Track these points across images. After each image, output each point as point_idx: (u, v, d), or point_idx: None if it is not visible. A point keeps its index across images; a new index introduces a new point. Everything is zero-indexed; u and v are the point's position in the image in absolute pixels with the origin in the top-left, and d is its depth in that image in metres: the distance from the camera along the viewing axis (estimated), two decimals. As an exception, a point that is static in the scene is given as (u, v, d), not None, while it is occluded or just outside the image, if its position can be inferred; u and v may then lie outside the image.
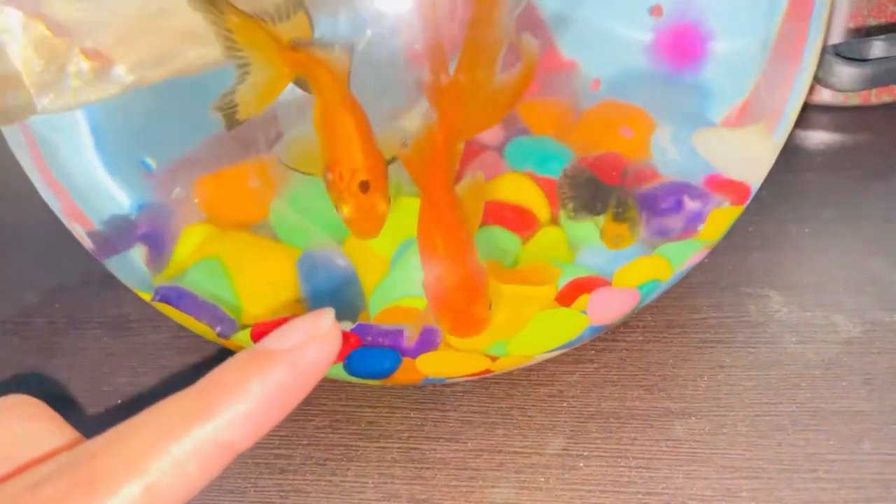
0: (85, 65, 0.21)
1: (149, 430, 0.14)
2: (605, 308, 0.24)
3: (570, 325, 0.24)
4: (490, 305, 0.22)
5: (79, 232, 0.25)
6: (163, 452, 0.13)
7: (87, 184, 0.23)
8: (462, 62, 0.19)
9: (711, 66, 0.22)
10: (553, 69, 0.22)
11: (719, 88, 0.23)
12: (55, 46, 0.21)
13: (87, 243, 0.25)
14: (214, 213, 0.24)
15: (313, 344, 0.15)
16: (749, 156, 0.24)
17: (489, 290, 0.22)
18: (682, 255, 0.25)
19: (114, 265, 0.25)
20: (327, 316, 0.15)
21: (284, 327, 0.15)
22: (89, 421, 0.28)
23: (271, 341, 0.15)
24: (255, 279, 0.25)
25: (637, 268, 0.24)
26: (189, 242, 0.24)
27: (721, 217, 0.25)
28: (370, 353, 0.24)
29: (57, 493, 0.13)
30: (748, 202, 0.26)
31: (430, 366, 0.24)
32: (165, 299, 0.25)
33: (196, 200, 0.23)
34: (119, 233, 0.24)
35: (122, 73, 0.21)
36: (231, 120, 0.19)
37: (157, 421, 0.14)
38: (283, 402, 0.14)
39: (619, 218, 0.23)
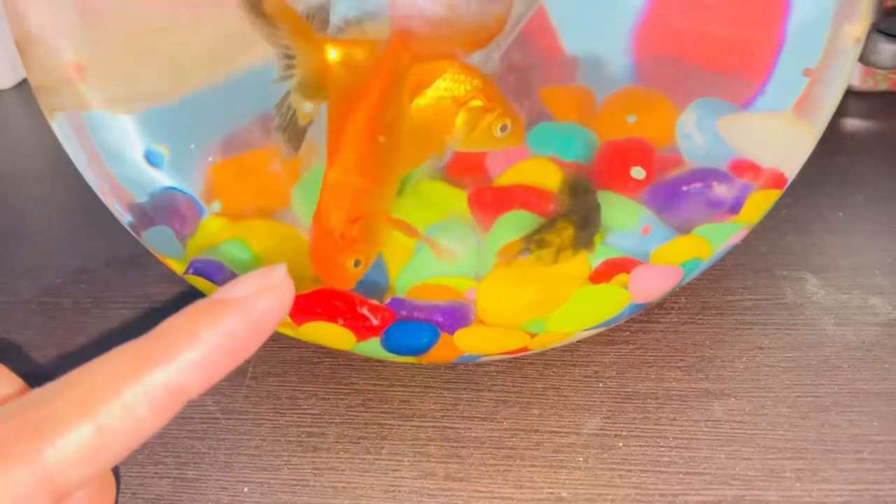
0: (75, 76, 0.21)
1: (100, 375, 0.14)
2: (648, 284, 0.24)
3: (611, 302, 0.24)
4: (359, 263, 0.21)
5: (117, 207, 0.24)
6: (113, 396, 0.14)
7: (131, 158, 0.23)
8: None
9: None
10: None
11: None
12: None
13: (126, 217, 0.24)
14: (232, 198, 0.23)
15: (266, 294, 0.15)
16: (788, 144, 0.24)
17: (371, 244, 0.21)
18: (722, 236, 0.25)
19: (151, 238, 0.25)
20: (279, 268, 0.15)
21: (237, 279, 0.15)
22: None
23: (224, 292, 0.15)
24: (279, 258, 0.24)
25: (677, 246, 0.24)
26: (207, 232, 0.24)
27: (760, 199, 0.25)
28: (408, 327, 0.23)
29: (5, 436, 0.13)
30: (786, 185, 0.25)
31: (467, 341, 0.24)
32: (200, 272, 0.25)
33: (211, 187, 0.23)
34: (158, 205, 0.23)
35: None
36: (295, 131, 0.19)
37: (108, 366, 0.14)
38: (234, 351, 0.15)
39: (528, 237, 0.21)
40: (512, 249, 0.21)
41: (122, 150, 0.23)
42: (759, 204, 0.25)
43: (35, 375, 0.16)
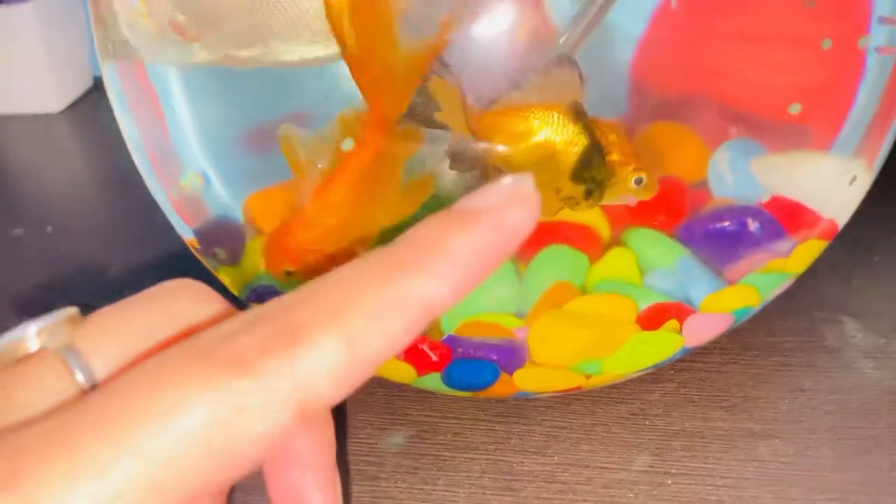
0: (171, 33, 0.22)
1: (347, 284, 0.13)
2: (701, 330, 0.25)
3: (665, 347, 0.25)
4: (290, 273, 0.22)
5: (185, 231, 0.26)
6: (364, 306, 0.12)
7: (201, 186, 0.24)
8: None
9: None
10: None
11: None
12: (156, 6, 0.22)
13: (194, 241, 0.26)
14: (266, 229, 0.24)
15: (517, 204, 0.14)
16: (843, 191, 0.25)
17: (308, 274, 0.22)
18: (771, 286, 0.26)
19: (212, 262, 0.26)
20: (528, 178, 0.14)
21: (484, 188, 0.14)
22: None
23: (472, 201, 0.14)
24: None
25: (727, 296, 0.25)
26: (254, 256, 0.25)
27: (810, 248, 0.26)
28: (471, 365, 0.24)
29: (254, 343, 0.12)
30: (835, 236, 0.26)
31: (525, 380, 0.25)
32: (260, 299, 0.26)
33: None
34: (222, 231, 0.25)
35: (199, 49, 0.22)
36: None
37: (356, 276, 0.13)
38: (483, 265, 0.13)
39: (579, 177, 0.21)
40: (578, 192, 0.21)
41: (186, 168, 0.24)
42: (809, 252, 0.26)
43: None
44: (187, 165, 0.24)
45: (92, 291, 0.36)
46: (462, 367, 0.24)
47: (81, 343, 0.13)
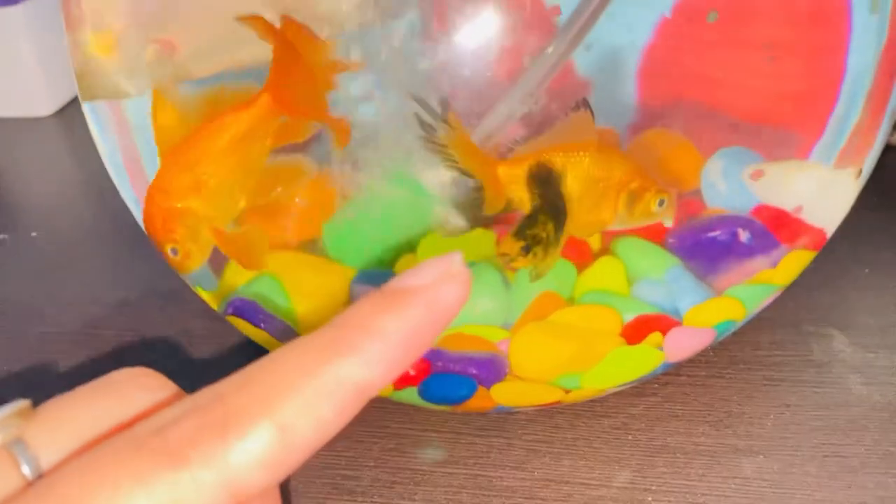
0: (154, 51, 0.22)
1: (281, 370, 0.13)
2: (682, 346, 0.24)
3: (645, 361, 0.24)
4: (175, 251, 0.22)
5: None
6: (296, 392, 0.12)
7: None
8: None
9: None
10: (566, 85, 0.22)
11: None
12: (131, 35, 0.22)
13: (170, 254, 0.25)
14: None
15: (448, 283, 0.14)
16: (832, 201, 0.25)
17: (191, 243, 0.22)
18: (756, 298, 0.25)
19: (191, 276, 0.26)
20: (457, 256, 0.14)
21: (415, 267, 0.14)
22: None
23: (403, 280, 0.14)
24: (310, 298, 0.25)
25: (711, 308, 0.24)
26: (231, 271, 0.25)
27: (796, 259, 0.25)
28: (447, 379, 0.24)
29: (185, 435, 0.12)
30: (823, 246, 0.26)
31: (503, 395, 0.24)
32: (238, 312, 0.26)
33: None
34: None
35: (184, 60, 0.22)
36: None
37: (289, 360, 0.13)
38: (417, 343, 0.14)
39: (520, 234, 0.21)
40: (513, 249, 0.21)
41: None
42: (796, 264, 0.25)
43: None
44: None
45: (75, 295, 0.36)
46: (439, 381, 0.24)
47: (31, 435, 0.14)
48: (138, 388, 0.15)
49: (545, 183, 0.21)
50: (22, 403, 0.14)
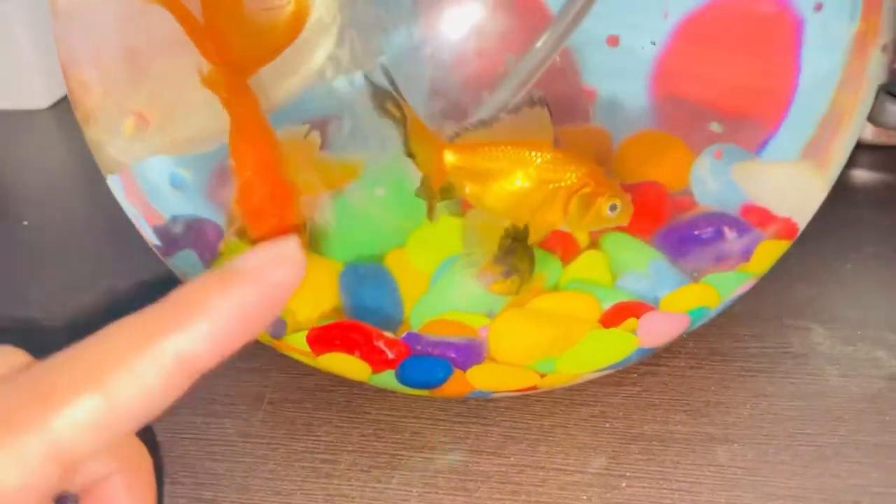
0: (130, 124, 0.23)
1: (111, 343, 0.14)
2: (656, 331, 0.24)
3: (620, 346, 0.24)
4: (306, 224, 0.22)
5: (146, 229, 0.26)
6: (122, 365, 0.13)
7: (159, 181, 0.24)
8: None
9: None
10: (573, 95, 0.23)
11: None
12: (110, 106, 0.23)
13: (154, 240, 0.26)
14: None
15: (278, 264, 0.15)
16: (800, 193, 0.25)
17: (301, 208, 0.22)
18: (730, 286, 0.26)
19: (177, 262, 0.26)
20: (291, 240, 0.15)
21: (249, 251, 0.15)
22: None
23: (235, 262, 0.15)
24: (298, 291, 0.25)
25: (686, 294, 0.25)
26: (229, 256, 0.25)
27: (769, 249, 0.25)
28: (423, 362, 0.24)
29: (11, 404, 0.13)
30: (796, 236, 0.26)
31: (479, 378, 0.25)
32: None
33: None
34: (182, 228, 0.25)
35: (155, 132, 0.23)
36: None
37: (118, 335, 0.14)
38: (246, 323, 0.14)
39: (501, 261, 0.22)
40: (495, 271, 0.22)
41: (151, 174, 0.24)
42: (769, 254, 0.26)
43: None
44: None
45: (64, 283, 0.36)
46: (415, 363, 0.24)
47: None
48: None
49: (520, 238, 0.22)
50: None
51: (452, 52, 0.20)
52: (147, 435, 0.25)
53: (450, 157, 0.20)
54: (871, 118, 0.33)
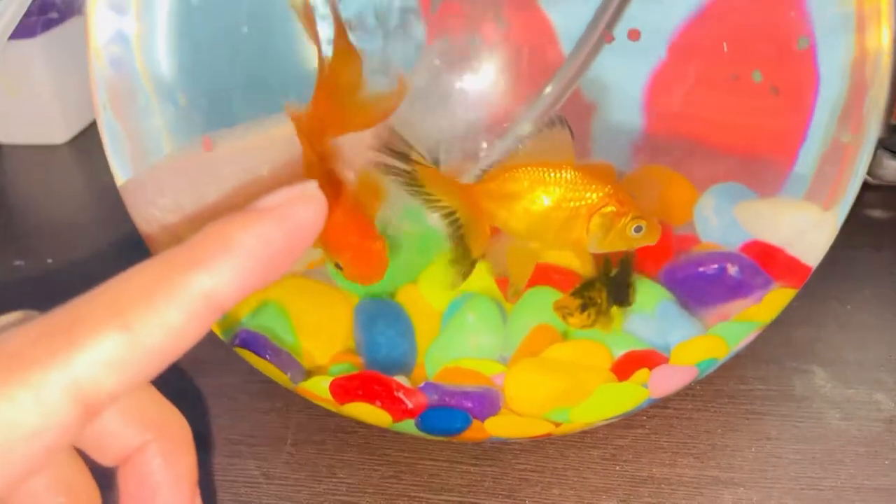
0: None
1: (134, 280, 0.13)
2: (666, 383, 0.26)
3: (631, 397, 0.26)
4: (385, 244, 0.22)
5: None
6: (146, 302, 0.13)
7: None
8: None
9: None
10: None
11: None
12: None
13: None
14: None
15: (300, 203, 0.15)
16: (809, 236, 0.26)
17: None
18: (738, 336, 0.27)
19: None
20: (312, 182, 0.15)
21: (271, 193, 0.15)
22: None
23: (258, 202, 0.15)
24: (314, 324, 0.26)
25: (695, 346, 0.26)
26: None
27: (778, 298, 0.27)
28: (442, 413, 0.25)
29: (30, 338, 0.13)
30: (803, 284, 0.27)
31: (497, 427, 0.26)
32: (245, 344, 0.27)
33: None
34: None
35: None
36: (470, 270, 0.22)
37: (141, 274, 0.14)
38: (269, 260, 0.14)
39: (577, 294, 0.23)
40: (571, 304, 0.23)
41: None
42: (778, 301, 0.27)
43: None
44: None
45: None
46: (435, 414, 0.25)
47: None
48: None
49: (623, 264, 0.23)
50: None
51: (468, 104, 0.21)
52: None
53: (481, 190, 0.21)
54: (870, 172, 0.34)
